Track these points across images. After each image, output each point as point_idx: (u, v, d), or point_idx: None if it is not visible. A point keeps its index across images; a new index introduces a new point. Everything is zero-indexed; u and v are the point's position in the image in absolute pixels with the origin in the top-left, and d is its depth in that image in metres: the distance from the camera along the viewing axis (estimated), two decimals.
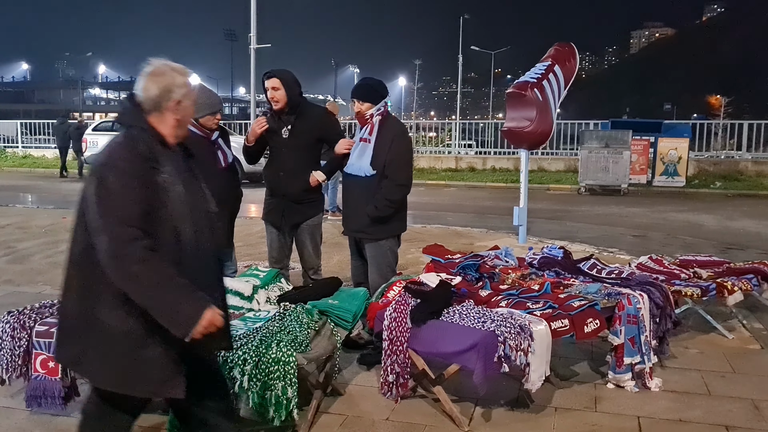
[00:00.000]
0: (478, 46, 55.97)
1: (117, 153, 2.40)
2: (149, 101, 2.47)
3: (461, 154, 23.08)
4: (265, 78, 4.52)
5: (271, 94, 4.48)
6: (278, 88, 4.46)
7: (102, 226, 2.30)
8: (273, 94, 4.48)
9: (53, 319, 3.58)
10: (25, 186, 17.41)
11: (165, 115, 2.49)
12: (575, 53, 8.65)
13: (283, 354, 3.17)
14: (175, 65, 2.56)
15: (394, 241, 4.55)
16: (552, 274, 4.42)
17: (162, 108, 2.48)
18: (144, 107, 2.47)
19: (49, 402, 3.51)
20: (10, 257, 7.90)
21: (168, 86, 2.48)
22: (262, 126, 4.52)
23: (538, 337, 3.39)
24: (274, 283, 4.14)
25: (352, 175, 4.46)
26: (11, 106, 73.42)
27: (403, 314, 3.66)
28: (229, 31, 71.00)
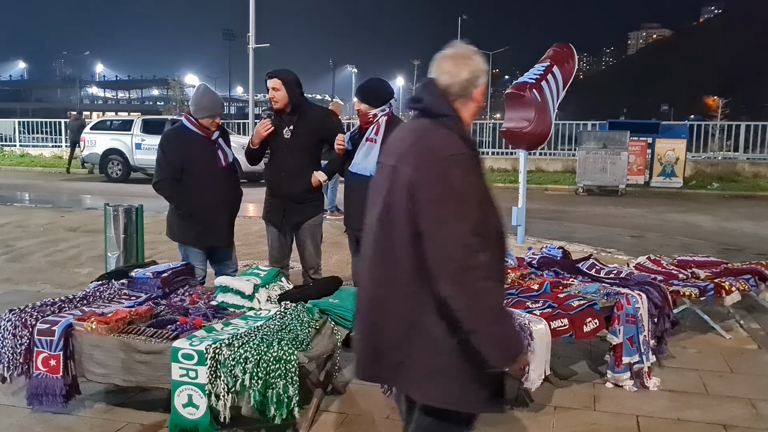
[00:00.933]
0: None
1: (451, 144, 2.13)
2: (457, 86, 2.21)
3: None
4: (267, 78, 4.54)
5: (272, 94, 4.50)
6: (278, 89, 4.47)
7: (445, 231, 2.04)
8: (273, 95, 4.49)
9: (54, 317, 3.61)
10: (23, 185, 17.39)
11: (469, 102, 2.25)
12: (574, 54, 8.67)
13: (284, 352, 3.18)
14: (474, 49, 2.32)
15: None
16: (551, 274, 4.44)
17: (468, 94, 2.24)
18: (449, 93, 2.23)
19: (50, 400, 3.52)
20: (8, 256, 7.91)
21: (476, 71, 2.25)
22: (267, 129, 4.52)
23: (538, 337, 3.41)
24: (275, 282, 4.15)
25: (356, 174, 4.47)
26: (8, 104, 73.30)
27: None
28: (228, 31, 70.90)
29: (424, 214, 2.07)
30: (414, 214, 2.09)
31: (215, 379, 3.20)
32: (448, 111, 2.20)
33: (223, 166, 4.59)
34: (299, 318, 3.60)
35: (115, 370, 3.46)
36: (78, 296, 4.00)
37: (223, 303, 3.94)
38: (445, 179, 2.06)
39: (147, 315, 3.71)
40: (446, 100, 2.21)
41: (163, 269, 4.29)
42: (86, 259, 7.66)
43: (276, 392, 3.14)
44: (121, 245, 5.57)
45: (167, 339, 3.38)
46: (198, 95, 4.55)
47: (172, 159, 4.50)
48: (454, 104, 2.21)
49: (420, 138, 2.19)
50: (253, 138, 4.65)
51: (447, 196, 2.05)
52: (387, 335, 2.21)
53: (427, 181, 2.08)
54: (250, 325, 3.59)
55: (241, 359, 3.17)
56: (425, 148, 2.15)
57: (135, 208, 5.61)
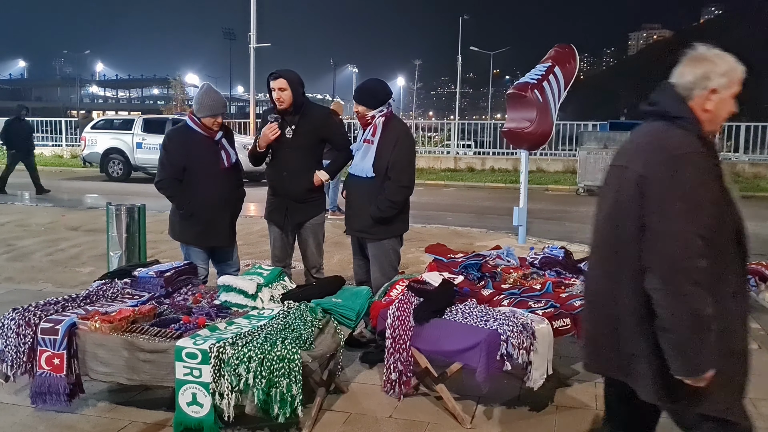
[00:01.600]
0: (477, 46, 56.01)
1: (685, 143, 2.13)
2: (693, 88, 2.23)
3: (460, 155, 23.11)
4: (271, 78, 4.53)
5: (277, 94, 4.50)
6: (285, 89, 4.49)
7: (669, 229, 2.05)
8: (279, 95, 4.50)
9: (58, 316, 3.62)
10: (23, 184, 17.36)
11: (709, 104, 2.23)
12: (575, 55, 8.68)
13: (288, 351, 3.19)
14: (717, 51, 2.29)
15: (396, 241, 4.58)
16: (553, 274, 4.45)
17: (706, 96, 2.22)
18: (686, 96, 2.24)
19: (53, 399, 3.53)
20: (10, 255, 7.92)
21: (705, 73, 2.22)
22: (275, 133, 4.52)
23: (540, 336, 3.42)
24: (278, 282, 4.17)
25: (355, 176, 4.49)
26: (7, 103, 73.19)
27: (406, 313, 3.69)
28: (228, 30, 70.91)
29: (651, 209, 2.10)
30: (642, 209, 2.13)
31: (219, 377, 3.21)
32: (684, 113, 2.21)
33: (226, 167, 4.60)
34: (302, 317, 3.61)
35: (118, 368, 3.47)
36: (81, 295, 4.01)
37: (226, 302, 3.95)
38: (676, 177, 2.08)
39: (150, 314, 3.72)
40: (683, 102, 2.23)
41: (166, 268, 4.30)
42: (87, 259, 7.67)
43: (280, 391, 3.15)
44: (124, 244, 5.59)
45: (171, 338, 3.39)
46: (200, 94, 4.57)
47: (175, 158, 4.51)
48: (691, 106, 2.23)
49: (653, 138, 2.23)
50: (259, 141, 4.64)
51: (676, 195, 2.07)
52: (619, 329, 2.25)
53: (657, 178, 2.11)
54: (253, 324, 3.60)
55: (244, 358, 3.18)
56: (657, 146, 2.18)
57: (137, 207, 5.63)
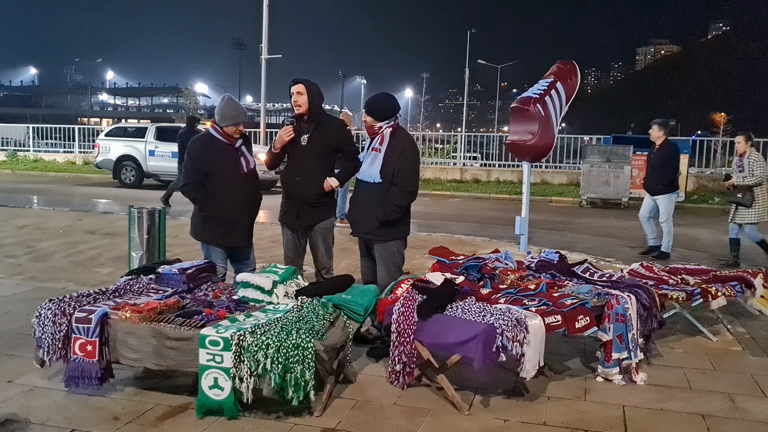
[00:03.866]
0: (485, 60, 56.43)
1: None
2: None
3: (466, 166, 23.43)
4: (292, 84, 4.91)
5: (295, 98, 4.87)
6: (302, 93, 4.85)
7: None
8: (296, 99, 4.86)
9: (91, 307, 3.94)
10: (39, 189, 17.78)
11: None
12: (577, 71, 8.99)
13: (302, 340, 3.51)
14: None
15: (401, 243, 4.91)
16: (548, 276, 4.76)
17: None
18: None
19: (86, 383, 3.83)
20: (31, 255, 8.25)
21: None
22: (289, 134, 4.87)
23: (533, 330, 3.73)
24: (292, 279, 4.48)
25: (363, 181, 4.84)
26: (19, 110, 74.04)
27: (410, 309, 4.00)
28: (238, 40, 71.64)
29: None
30: None
31: (239, 363, 3.54)
32: None
33: (245, 172, 4.94)
34: (315, 311, 3.93)
35: (147, 354, 3.79)
36: (110, 289, 4.34)
37: (244, 297, 4.28)
38: None
39: (175, 306, 4.05)
40: None
41: (188, 266, 4.63)
42: (106, 260, 8.00)
43: (294, 376, 3.47)
44: (144, 245, 5.93)
45: (195, 327, 3.71)
46: (223, 105, 4.91)
47: (199, 164, 4.85)
48: None
49: None
50: (275, 143, 5.00)
51: None
52: None
53: None
54: (269, 317, 3.91)
55: (263, 345, 3.50)
56: None
57: (158, 210, 5.97)
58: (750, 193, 8.32)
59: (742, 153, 8.45)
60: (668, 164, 8.92)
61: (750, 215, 8.39)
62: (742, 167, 8.39)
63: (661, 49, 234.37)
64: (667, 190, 8.88)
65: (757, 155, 8.41)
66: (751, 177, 8.25)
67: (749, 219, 8.41)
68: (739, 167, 8.48)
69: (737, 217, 8.50)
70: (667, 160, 8.94)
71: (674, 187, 8.95)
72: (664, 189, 8.88)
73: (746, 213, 8.40)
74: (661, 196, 8.90)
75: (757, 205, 8.34)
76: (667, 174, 8.89)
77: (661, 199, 8.89)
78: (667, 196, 8.88)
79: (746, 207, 8.36)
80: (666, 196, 8.87)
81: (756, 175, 8.22)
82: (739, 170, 8.46)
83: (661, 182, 8.90)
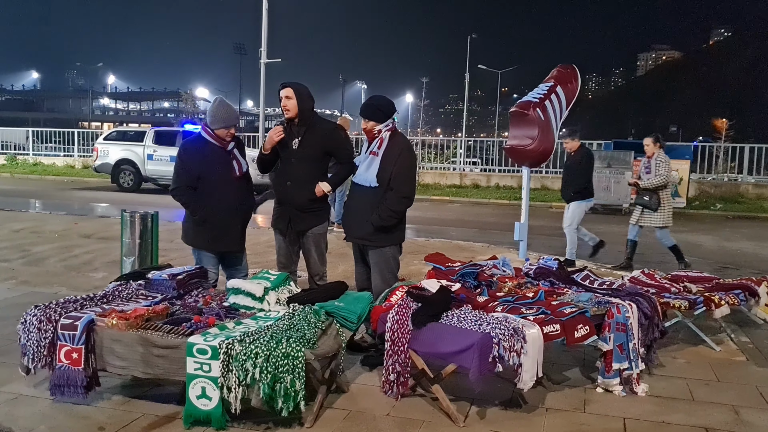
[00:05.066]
0: (486, 65, 56.38)
1: None
2: None
3: (466, 171, 23.35)
4: (281, 88, 4.81)
5: (284, 102, 4.77)
6: (291, 98, 4.75)
7: None
8: (285, 103, 4.76)
9: (77, 313, 3.84)
10: (36, 192, 17.72)
11: None
12: (577, 75, 8.91)
13: (292, 349, 3.41)
14: None
15: (396, 249, 4.80)
16: (547, 284, 4.65)
17: None
18: None
19: (71, 391, 3.73)
20: (25, 260, 8.16)
21: None
22: (279, 134, 4.77)
23: (531, 340, 3.62)
24: (284, 286, 4.38)
25: (358, 184, 4.74)
26: (20, 114, 74.10)
27: (404, 317, 3.89)
28: (239, 45, 71.73)
29: None
30: None
31: (227, 372, 3.43)
32: None
33: (237, 176, 4.84)
34: (306, 319, 3.82)
35: (134, 363, 3.68)
36: (98, 295, 4.24)
37: (235, 304, 4.17)
38: None
39: (164, 313, 3.95)
40: None
41: (178, 272, 4.53)
42: (100, 264, 7.91)
43: (284, 386, 3.36)
44: (137, 250, 5.83)
45: (183, 335, 3.61)
46: (214, 107, 4.82)
47: (190, 167, 4.75)
48: None
49: None
50: (265, 143, 4.91)
51: None
52: None
53: None
54: (260, 324, 3.81)
55: (251, 354, 3.39)
56: None
57: (150, 215, 5.87)
58: (656, 196, 8.20)
59: (651, 155, 8.36)
60: (581, 172, 8.81)
61: (657, 219, 8.27)
62: (650, 169, 8.30)
63: (663, 55, 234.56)
64: (578, 198, 8.75)
65: (664, 157, 8.30)
66: (655, 177, 8.15)
67: (656, 223, 8.29)
68: (646, 169, 8.39)
69: (643, 220, 8.39)
70: (581, 167, 8.83)
71: (586, 194, 8.81)
72: (575, 196, 8.76)
73: (653, 217, 8.29)
74: (573, 203, 8.79)
75: (663, 209, 8.23)
76: (579, 181, 8.77)
77: (572, 206, 8.79)
78: (578, 203, 8.75)
79: (652, 210, 8.25)
80: (576, 204, 8.75)
81: (660, 174, 8.11)
82: (646, 172, 8.36)
83: (572, 189, 8.80)
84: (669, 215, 8.25)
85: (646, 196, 8.25)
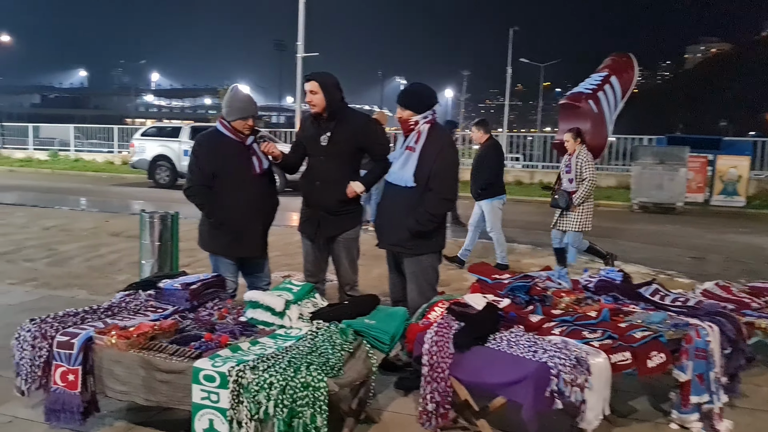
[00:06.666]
0: (528, 58, 55.19)
1: None
2: None
3: (508, 168, 22.65)
4: (305, 81, 4.31)
5: (309, 97, 4.27)
6: (316, 92, 4.24)
7: None
8: (310, 98, 4.26)
9: (75, 329, 3.41)
10: (74, 189, 17.67)
11: None
12: (634, 64, 8.27)
13: (312, 378, 2.90)
14: None
15: (435, 258, 4.25)
16: (609, 300, 4.04)
17: None
18: None
19: (67, 417, 3.34)
20: (50, 260, 7.90)
21: None
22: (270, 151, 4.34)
23: (596, 371, 3.05)
24: (308, 299, 3.88)
25: (392, 184, 4.20)
26: (68, 111, 75.78)
27: (445, 338, 3.37)
28: (279, 41, 71.87)
29: None
30: None
31: (237, 404, 2.94)
32: None
33: (258, 173, 4.36)
34: (331, 340, 3.31)
35: (135, 387, 3.24)
36: (103, 307, 3.81)
37: (252, 319, 3.69)
38: None
39: (171, 330, 3.49)
40: None
41: (193, 280, 4.07)
42: (125, 265, 7.58)
43: (303, 422, 2.86)
44: (156, 253, 5.43)
45: (189, 357, 3.14)
46: (229, 97, 4.34)
47: (204, 164, 4.29)
48: None
49: None
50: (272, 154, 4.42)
51: None
52: None
53: None
54: (278, 344, 3.33)
55: (265, 384, 2.90)
56: None
57: (170, 215, 5.46)
58: (566, 196, 7.16)
59: (572, 152, 7.22)
60: (485, 165, 7.65)
61: (572, 222, 7.20)
62: (570, 168, 7.22)
63: (712, 48, 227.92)
64: (487, 195, 7.61)
65: (586, 154, 7.18)
66: (583, 187, 7.05)
67: (571, 226, 7.22)
68: (566, 168, 7.28)
69: (560, 223, 7.34)
70: (485, 160, 7.69)
71: (497, 191, 7.62)
72: (483, 194, 7.61)
73: (568, 219, 7.21)
74: (483, 202, 7.69)
75: (580, 212, 7.17)
76: (486, 176, 7.60)
77: (484, 205, 7.68)
78: (489, 201, 7.62)
79: (560, 208, 7.22)
80: (487, 202, 7.64)
81: (586, 180, 7.05)
82: (566, 171, 7.28)
83: (478, 185, 7.65)
84: (588, 220, 7.19)
85: (556, 195, 7.24)
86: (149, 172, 18.49)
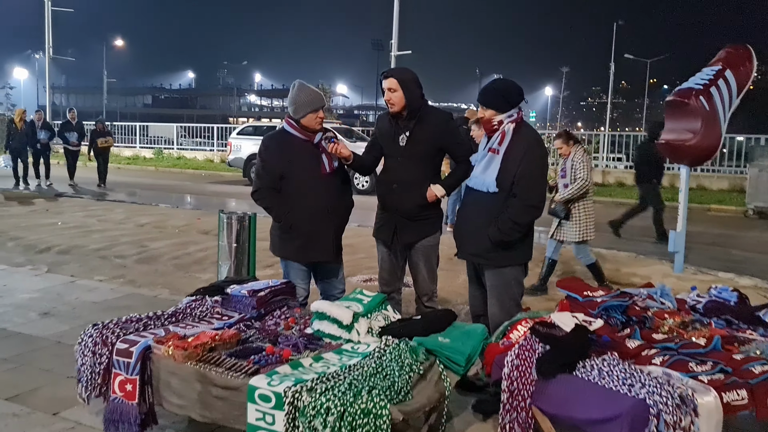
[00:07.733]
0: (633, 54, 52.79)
1: None
2: None
3: (609, 168, 21.59)
4: (382, 78, 4.03)
5: (387, 95, 3.99)
6: (395, 90, 3.96)
7: None
8: (389, 96, 3.98)
9: (135, 337, 3.29)
10: (172, 186, 18.29)
11: None
12: (752, 56, 7.45)
13: (374, 405, 2.61)
14: None
15: (519, 270, 3.86)
16: (722, 324, 3.51)
17: None
18: None
19: (125, 427, 3.22)
20: (139, 257, 8.05)
21: None
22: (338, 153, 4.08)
23: (705, 413, 2.59)
24: (379, 311, 3.61)
25: (474, 189, 3.84)
26: (177, 111, 79.72)
27: (527, 362, 3.00)
28: (377, 41, 72.35)
29: None
30: None
31: (293, 428, 2.70)
32: None
33: (328, 172, 4.12)
34: (399, 359, 3.01)
35: (191, 402, 3.07)
36: (167, 313, 3.69)
37: (319, 332, 3.46)
38: None
39: (233, 341, 3.30)
40: None
41: (261, 287, 3.88)
42: (210, 264, 7.60)
43: None
44: (233, 254, 5.33)
45: (246, 373, 2.93)
46: (294, 93, 4.12)
47: (271, 166, 4.10)
48: None
49: None
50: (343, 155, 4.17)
51: None
52: None
53: None
54: (343, 362, 3.07)
55: (322, 409, 2.63)
56: None
57: (248, 216, 5.34)
58: (563, 204, 6.43)
59: (566, 155, 6.51)
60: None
61: (572, 232, 6.45)
62: (565, 172, 6.47)
63: None
64: None
65: (582, 156, 6.45)
66: (573, 186, 6.34)
67: (572, 237, 6.46)
68: (562, 172, 6.53)
69: (559, 233, 6.57)
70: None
71: None
72: None
73: (569, 229, 6.47)
74: None
75: (580, 219, 6.43)
76: None
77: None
78: None
79: (559, 218, 6.48)
80: None
81: (579, 179, 6.30)
82: (561, 176, 6.53)
83: None
84: (588, 227, 6.50)
85: (553, 204, 6.54)
86: (244, 170, 18.85)
